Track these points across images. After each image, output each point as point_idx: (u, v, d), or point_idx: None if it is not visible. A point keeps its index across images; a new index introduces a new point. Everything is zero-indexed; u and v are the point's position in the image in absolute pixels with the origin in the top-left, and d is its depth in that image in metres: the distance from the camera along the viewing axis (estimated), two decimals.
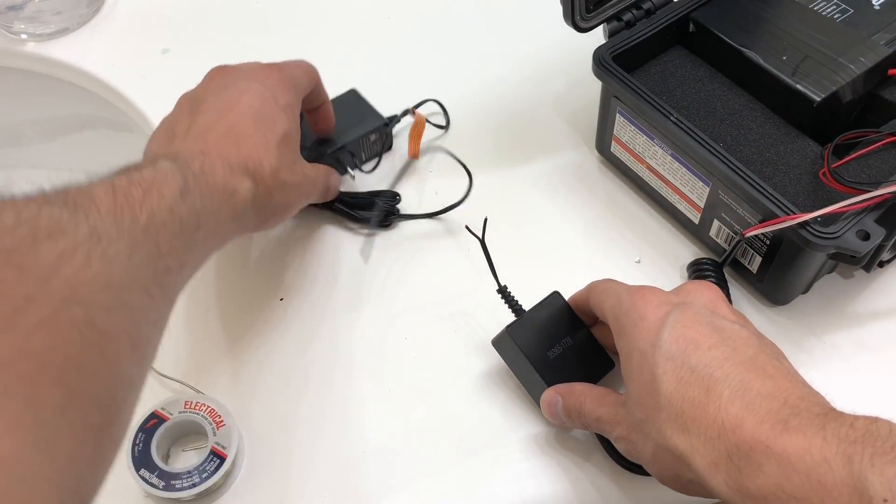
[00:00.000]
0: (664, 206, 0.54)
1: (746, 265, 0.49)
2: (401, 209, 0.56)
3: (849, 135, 0.48)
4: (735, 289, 0.51)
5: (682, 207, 0.52)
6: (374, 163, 0.58)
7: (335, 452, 0.45)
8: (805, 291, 0.50)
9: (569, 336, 0.45)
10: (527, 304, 0.47)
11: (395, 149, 0.59)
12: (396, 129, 0.59)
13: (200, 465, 0.43)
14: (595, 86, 0.53)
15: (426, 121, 0.58)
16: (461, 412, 0.47)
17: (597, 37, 0.52)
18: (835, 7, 0.53)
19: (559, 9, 0.49)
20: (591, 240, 0.54)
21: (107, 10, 0.69)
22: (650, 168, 0.53)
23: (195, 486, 0.42)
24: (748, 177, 0.45)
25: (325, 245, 0.54)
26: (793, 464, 0.31)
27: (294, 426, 0.46)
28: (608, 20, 0.52)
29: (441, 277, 0.53)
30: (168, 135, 0.44)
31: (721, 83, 0.53)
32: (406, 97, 0.60)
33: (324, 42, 0.67)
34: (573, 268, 0.52)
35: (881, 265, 0.48)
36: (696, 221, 0.51)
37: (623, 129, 0.53)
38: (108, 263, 0.30)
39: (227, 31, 0.68)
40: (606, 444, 0.44)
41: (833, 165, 0.46)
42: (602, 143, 0.57)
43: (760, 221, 0.45)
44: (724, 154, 0.46)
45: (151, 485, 0.42)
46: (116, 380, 0.30)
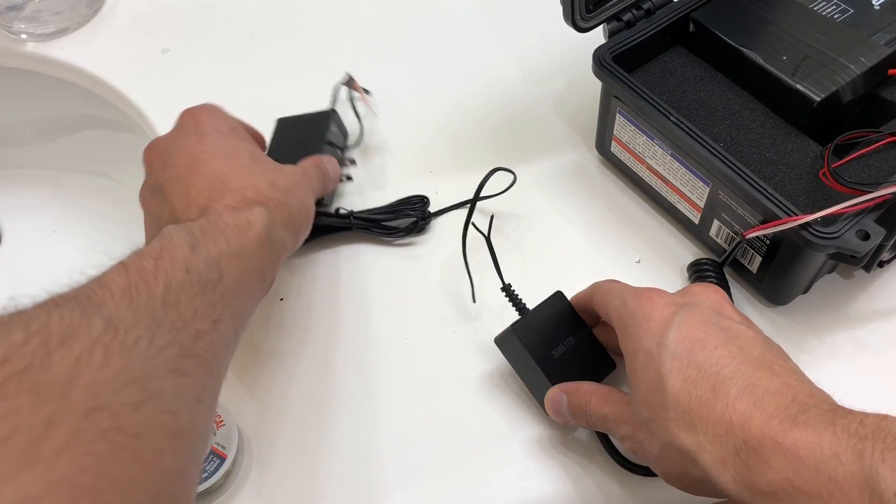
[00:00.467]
0: (664, 207, 0.54)
1: (746, 265, 0.49)
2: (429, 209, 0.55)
3: (849, 135, 0.48)
4: (735, 289, 0.51)
5: (683, 207, 0.52)
6: (355, 140, 0.58)
7: (335, 452, 0.45)
8: (805, 291, 0.50)
9: (572, 336, 0.45)
10: (526, 304, 0.47)
11: (352, 132, 0.59)
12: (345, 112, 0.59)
13: None
14: (595, 86, 0.53)
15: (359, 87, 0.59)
16: (461, 412, 0.47)
17: (597, 37, 0.52)
18: (835, 7, 0.53)
19: (559, 9, 0.49)
20: (591, 240, 0.54)
21: (107, 10, 0.69)
22: (650, 168, 0.53)
23: None
24: (748, 177, 0.45)
25: (325, 245, 0.54)
26: (802, 459, 0.31)
27: (294, 426, 0.47)
28: (608, 20, 0.52)
29: (441, 278, 0.53)
30: (159, 205, 0.43)
31: (721, 83, 0.53)
32: (406, 97, 0.60)
33: (323, 42, 0.67)
34: (572, 268, 0.53)
35: (881, 265, 0.48)
36: (696, 221, 0.51)
37: (623, 129, 0.53)
38: (129, 355, 0.29)
39: (227, 32, 0.68)
40: (608, 445, 0.44)
41: (833, 165, 0.46)
42: (602, 143, 0.57)
43: (761, 221, 0.45)
44: (724, 154, 0.46)
45: None
46: (157, 479, 0.28)
